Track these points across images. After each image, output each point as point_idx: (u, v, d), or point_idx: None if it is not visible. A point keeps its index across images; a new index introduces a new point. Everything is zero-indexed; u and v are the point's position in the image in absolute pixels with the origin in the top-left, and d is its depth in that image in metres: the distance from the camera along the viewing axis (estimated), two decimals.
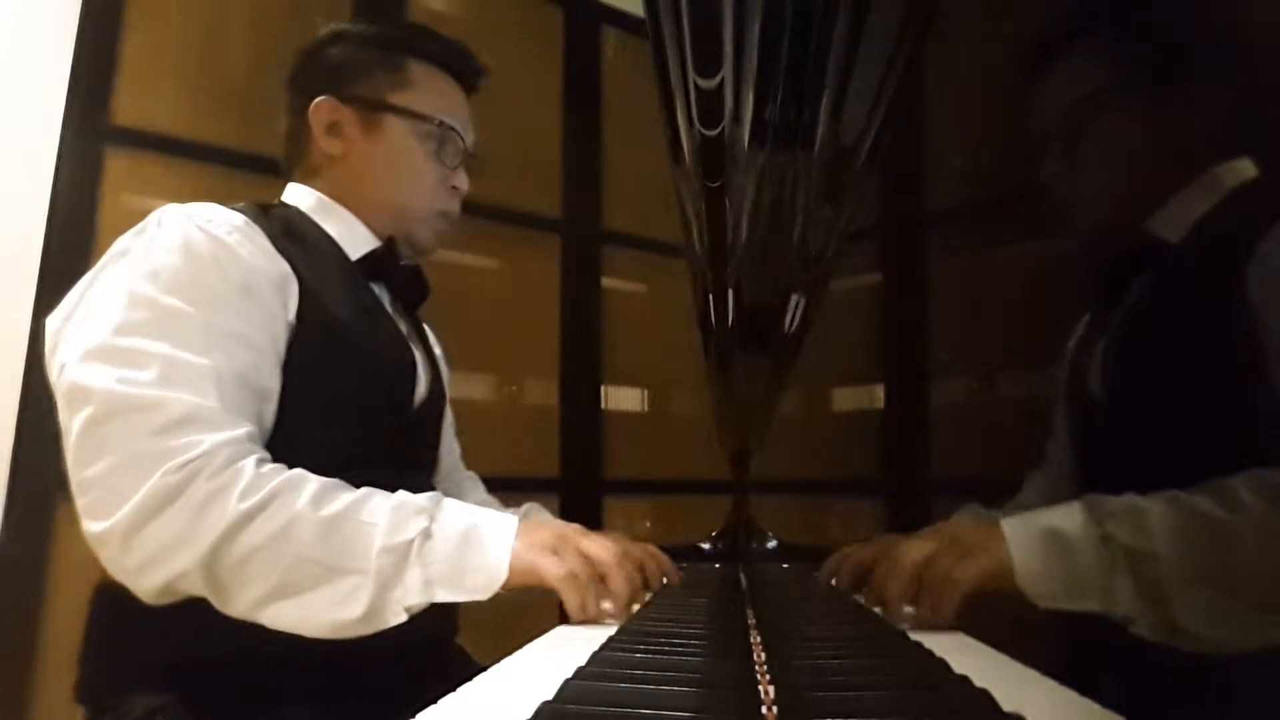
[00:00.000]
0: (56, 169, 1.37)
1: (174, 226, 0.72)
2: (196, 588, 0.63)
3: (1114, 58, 0.84)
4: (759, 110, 0.51)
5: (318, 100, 0.87)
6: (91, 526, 0.63)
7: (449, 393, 1.01)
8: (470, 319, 1.67)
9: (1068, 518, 0.66)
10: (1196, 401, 0.75)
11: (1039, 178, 0.92)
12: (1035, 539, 0.65)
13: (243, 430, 0.66)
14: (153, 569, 0.62)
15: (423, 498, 0.67)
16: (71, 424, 0.64)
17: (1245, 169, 0.82)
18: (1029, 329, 1.50)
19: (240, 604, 0.63)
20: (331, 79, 0.88)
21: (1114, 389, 0.85)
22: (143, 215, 0.75)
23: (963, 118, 1.75)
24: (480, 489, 1.11)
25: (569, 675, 0.42)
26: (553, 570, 0.65)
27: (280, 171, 0.94)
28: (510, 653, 0.55)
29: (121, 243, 0.73)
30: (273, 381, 0.72)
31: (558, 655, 0.53)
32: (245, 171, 1.54)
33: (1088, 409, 0.92)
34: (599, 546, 0.69)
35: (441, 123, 0.90)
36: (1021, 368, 1.62)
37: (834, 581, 0.90)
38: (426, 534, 0.64)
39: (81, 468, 0.64)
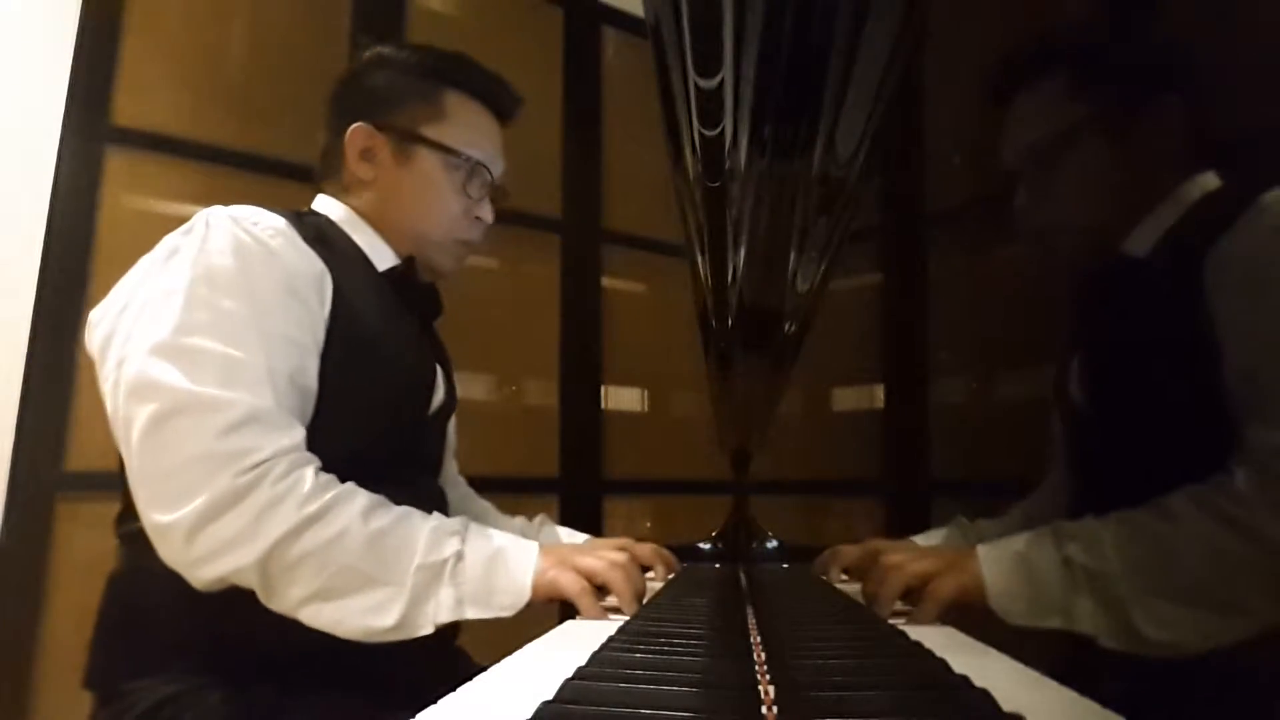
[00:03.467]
0: (56, 169, 1.37)
1: (223, 228, 0.74)
2: (249, 582, 0.67)
3: (1073, 95, 0.87)
4: (759, 110, 0.51)
5: (355, 126, 0.90)
6: (157, 517, 0.66)
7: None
8: (470, 319, 1.67)
9: (1034, 543, 0.72)
10: (1171, 406, 0.78)
11: (1012, 211, 0.95)
12: (1005, 563, 0.72)
13: (300, 435, 0.70)
14: (213, 562, 0.66)
15: (454, 522, 0.73)
16: (135, 417, 0.67)
17: (1208, 181, 0.85)
18: (1029, 329, 1.50)
19: (286, 601, 0.67)
20: (369, 106, 0.91)
21: (1095, 400, 0.87)
22: (143, 215, 0.76)
23: (963, 118, 1.75)
24: (472, 495, 1.14)
25: (569, 675, 0.42)
26: (571, 586, 0.71)
27: (284, 173, 0.95)
28: (510, 653, 0.55)
29: (170, 241, 0.75)
30: (314, 380, 0.76)
31: (558, 655, 0.53)
32: (245, 171, 1.54)
33: (1074, 421, 0.94)
34: (593, 559, 0.74)
35: (470, 158, 0.93)
36: (1021, 368, 1.62)
37: (824, 575, 0.98)
38: (459, 555, 0.70)
39: (146, 461, 0.67)
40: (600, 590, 0.73)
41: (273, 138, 1.57)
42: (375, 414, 0.81)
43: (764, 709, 0.37)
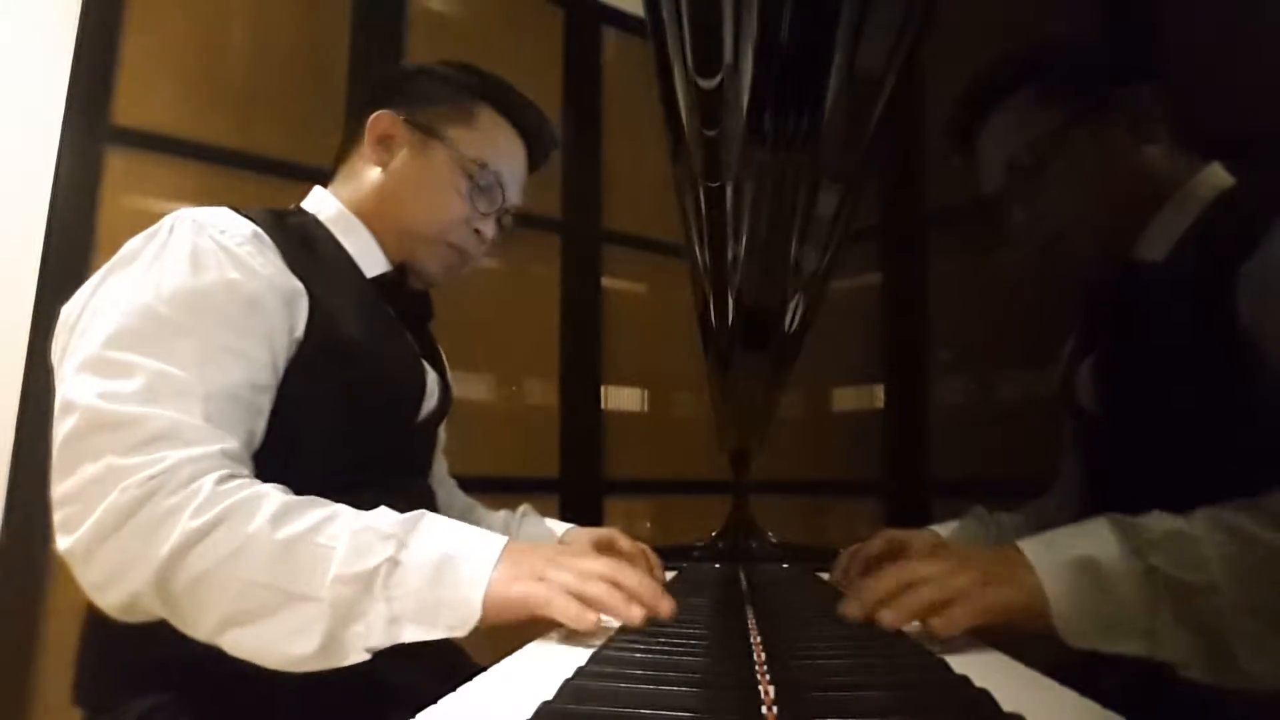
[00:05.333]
0: (56, 169, 1.37)
1: (184, 235, 0.71)
2: (155, 609, 0.61)
3: (1045, 104, 0.85)
4: (759, 110, 0.50)
5: (379, 112, 0.88)
6: (61, 543, 0.61)
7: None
8: (470, 319, 1.67)
9: (1101, 545, 0.58)
10: (1193, 416, 0.74)
11: (1004, 228, 0.92)
12: (1066, 570, 0.58)
13: (216, 447, 0.63)
14: (111, 587, 0.60)
15: (395, 521, 0.61)
16: (55, 436, 0.64)
17: (1220, 177, 0.81)
18: (1029, 329, 1.50)
19: (201, 628, 0.60)
20: (401, 99, 0.90)
21: (1109, 406, 0.86)
22: (143, 215, 0.76)
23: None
24: (457, 494, 1.11)
25: (569, 675, 0.42)
26: (541, 596, 0.58)
27: (283, 173, 0.94)
28: (510, 653, 0.55)
29: (132, 244, 0.72)
30: (265, 397, 0.71)
31: (558, 655, 0.53)
32: (245, 171, 1.54)
33: (1084, 424, 0.92)
34: (595, 560, 0.64)
35: (486, 166, 0.90)
36: (1022, 368, 1.62)
37: (845, 580, 0.92)
38: (394, 563, 0.58)
39: (57, 482, 0.63)
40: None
41: (273, 138, 1.57)
42: (360, 424, 0.78)
43: (764, 709, 0.37)
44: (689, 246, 0.78)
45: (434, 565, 0.59)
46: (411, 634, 0.58)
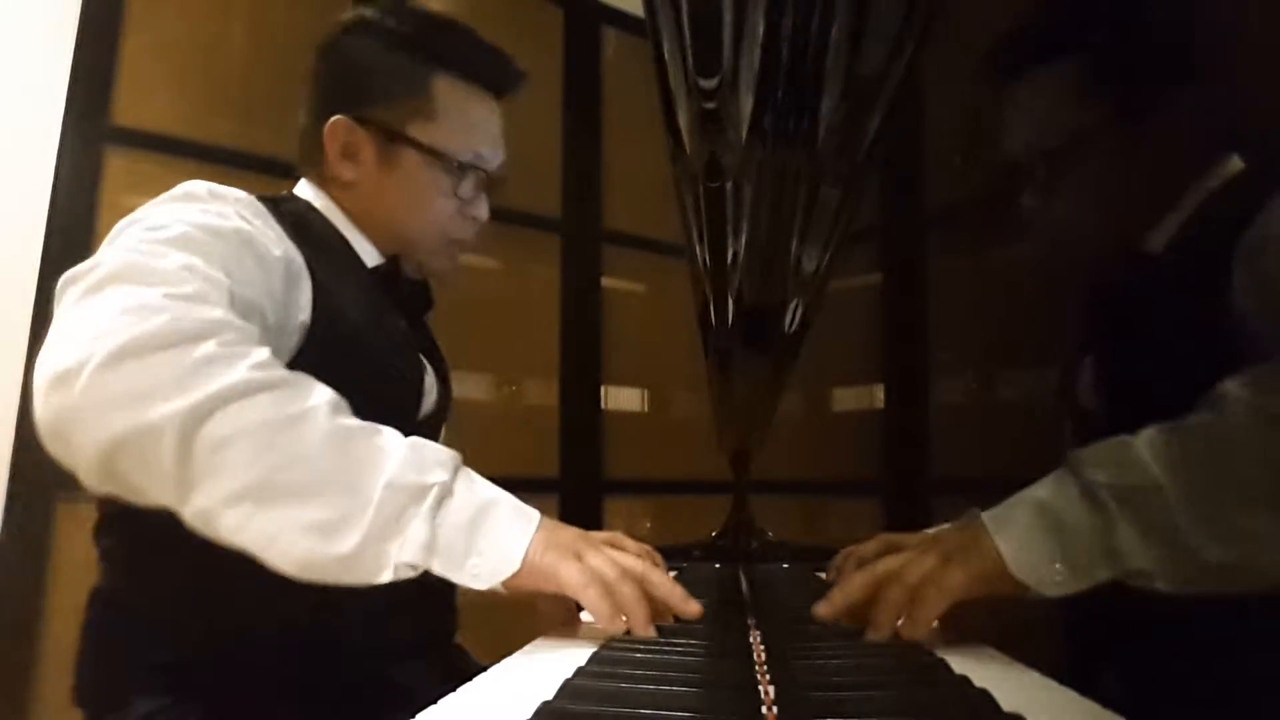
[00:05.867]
0: (56, 169, 1.37)
1: (199, 190, 0.70)
2: (153, 464, 0.50)
3: (1089, 91, 0.82)
4: (759, 110, 0.51)
5: (334, 120, 0.81)
6: (52, 365, 0.52)
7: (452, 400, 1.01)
8: (470, 319, 1.67)
9: (1044, 485, 0.59)
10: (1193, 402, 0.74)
11: (1018, 211, 0.92)
12: (1019, 521, 0.58)
13: (255, 327, 0.59)
14: (116, 412, 0.50)
15: (446, 451, 0.57)
16: (59, 303, 0.56)
17: (1228, 168, 0.80)
18: (1030, 329, 1.50)
19: (202, 495, 0.50)
20: (351, 93, 0.83)
21: (1110, 405, 0.85)
22: None
23: (962, 117, 1.75)
24: None
25: (569, 675, 0.42)
26: (573, 579, 0.56)
27: (283, 172, 0.92)
28: (510, 653, 0.55)
29: (142, 208, 0.68)
30: (268, 336, 0.64)
31: (558, 655, 0.53)
32: (245, 171, 1.54)
33: (1086, 426, 0.92)
34: (626, 557, 0.60)
35: (462, 163, 0.85)
36: (1022, 368, 1.62)
37: (842, 578, 0.90)
38: (447, 489, 0.55)
39: (59, 326, 0.54)
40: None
41: (273, 137, 1.57)
42: (359, 415, 0.77)
43: (764, 709, 0.37)
44: (689, 246, 0.78)
45: (479, 507, 0.56)
46: (439, 567, 0.54)
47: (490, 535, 0.55)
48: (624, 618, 0.55)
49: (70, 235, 1.37)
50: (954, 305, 1.79)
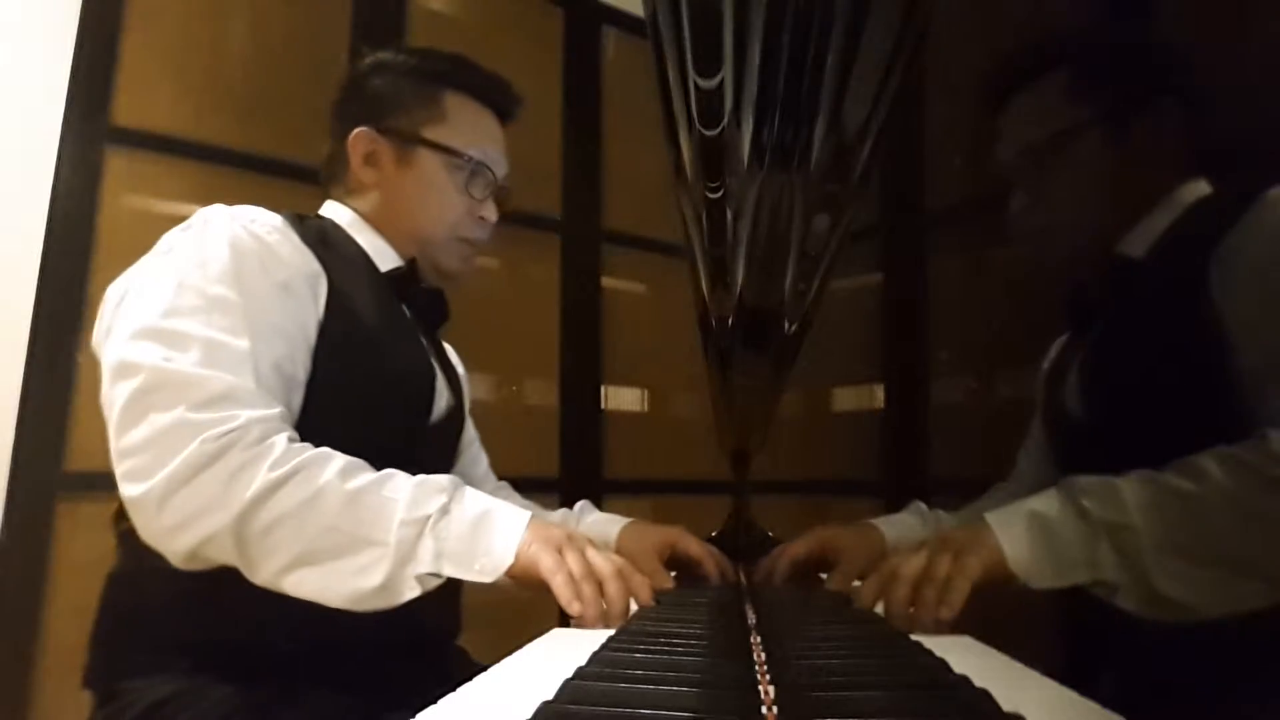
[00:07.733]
0: (56, 169, 1.37)
1: (220, 225, 0.76)
2: (225, 552, 0.66)
3: (1073, 97, 0.87)
4: (759, 111, 0.51)
5: (356, 131, 0.91)
6: (130, 490, 0.66)
7: (468, 405, 1.04)
8: (470, 319, 1.67)
9: (1045, 501, 0.70)
10: (1173, 409, 0.76)
11: (1007, 212, 0.94)
12: (1019, 525, 0.69)
13: (276, 410, 0.69)
14: (185, 531, 0.65)
15: (444, 479, 0.70)
16: (115, 395, 0.68)
17: (1200, 187, 0.85)
18: (1028, 329, 1.50)
19: (265, 570, 0.65)
20: (371, 110, 0.93)
21: (1092, 406, 0.87)
22: (143, 215, 0.77)
23: (962, 117, 1.75)
24: (515, 496, 1.13)
25: (569, 675, 0.42)
26: (547, 565, 0.67)
27: (283, 173, 0.95)
28: (510, 653, 0.55)
29: (168, 238, 0.76)
30: (302, 372, 0.76)
31: (558, 655, 0.53)
32: (245, 171, 1.54)
33: (1067, 429, 0.93)
34: (601, 558, 0.70)
35: (472, 158, 0.93)
36: (1022, 368, 1.62)
37: (773, 578, 0.95)
38: (444, 510, 0.67)
39: (123, 435, 0.67)
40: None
41: (273, 138, 1.57)
42: (369, 418, 0.80)
43: (764, 709, 0.37)
44: (689, 247, 0.78)
45: (476, 518, 0.68)
46: (451, 570, 0.66)
47: (488, 537, 0.68)
48: (578, 605, 0.66)
49: (70, 235, 1.37)
50: (953, 305, 1.79)
